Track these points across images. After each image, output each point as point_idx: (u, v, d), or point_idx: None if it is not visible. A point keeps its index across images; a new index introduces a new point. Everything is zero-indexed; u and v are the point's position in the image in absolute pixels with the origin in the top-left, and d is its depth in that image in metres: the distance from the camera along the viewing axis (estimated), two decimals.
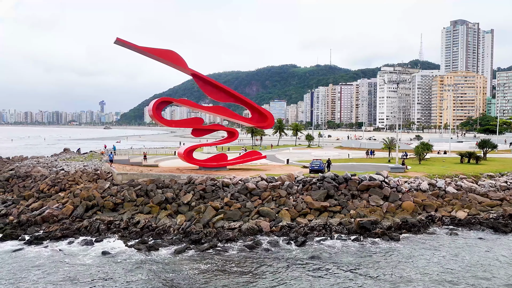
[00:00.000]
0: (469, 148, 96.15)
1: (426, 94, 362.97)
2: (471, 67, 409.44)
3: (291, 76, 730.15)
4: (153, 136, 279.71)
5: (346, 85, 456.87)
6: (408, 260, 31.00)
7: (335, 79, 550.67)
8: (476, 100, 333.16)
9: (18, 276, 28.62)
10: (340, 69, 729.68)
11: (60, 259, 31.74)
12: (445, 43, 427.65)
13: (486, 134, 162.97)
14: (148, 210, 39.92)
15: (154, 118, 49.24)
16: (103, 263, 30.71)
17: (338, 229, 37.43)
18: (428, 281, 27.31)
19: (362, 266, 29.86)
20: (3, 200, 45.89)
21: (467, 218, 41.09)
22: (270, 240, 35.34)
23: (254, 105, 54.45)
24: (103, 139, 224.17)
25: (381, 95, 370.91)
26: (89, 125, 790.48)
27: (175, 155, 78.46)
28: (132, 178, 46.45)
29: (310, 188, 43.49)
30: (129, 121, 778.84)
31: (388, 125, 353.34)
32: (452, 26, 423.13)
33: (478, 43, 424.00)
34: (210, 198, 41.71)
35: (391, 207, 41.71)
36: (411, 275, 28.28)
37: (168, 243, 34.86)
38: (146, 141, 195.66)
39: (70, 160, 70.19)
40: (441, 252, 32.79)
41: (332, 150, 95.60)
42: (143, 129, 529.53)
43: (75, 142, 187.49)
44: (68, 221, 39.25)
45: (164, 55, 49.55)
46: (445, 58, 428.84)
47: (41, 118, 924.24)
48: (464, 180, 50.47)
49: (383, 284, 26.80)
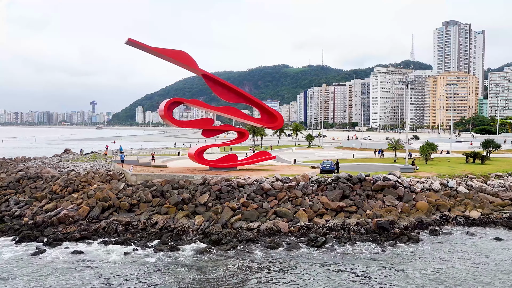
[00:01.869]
0: (468, 148, 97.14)
1: (419, 94, 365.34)
2: (463, 68, 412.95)
3: (284, 76, 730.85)
4: (147, 136, 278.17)
5: (339, 85, 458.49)
6: (433, 261, 31.07)
7: (327, 79, 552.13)
8: (468, 100, 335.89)
9: (44, 278, 28.48)
10: (332, 69, 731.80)
11: (82, 260, 31.58)
12: (437, 43, 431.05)
13: (483, 134, 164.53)
14: (165, 211, 39.87)
15: (165, 118, 49.12)
16: (127, 264, 30.60)
17: (356, 229, 37.57)
18: (462, 282, 27.38)
19: (386, 267, 29.92)
20: (15, 201, 45.53)
21: (481, 218, 41.49)
22: (290, 241, 35.41)
23: (264, 106, 54.55)
24: (95, 139, 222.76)
25: (374, 95, 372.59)
26: (80, 126, 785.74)
27: (179, 155, 78.41)
28: (146, 179, 46.33)
29: (325, 188, 43.66)
30: (121, 122, 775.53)
31: (381, 125, 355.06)
32: (444, 27, 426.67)
33: (469, 43, 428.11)
34: (226, 199, 41.75)
35: (405, 207, 42.02)
36: (440, 275, 28.32)
37: (188, 243, 34.87)
38: (141, 141, 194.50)
39: (74, 161, 69.83)
40: (465, 253, 32.92)
41: (334, 150, 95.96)
42: (136, 129, 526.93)
43: (68, 143, 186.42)
44: (85, 222, 39.06)
45: (175, 56, 49.44)
46: (438, 58, 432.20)
47: (31, 119, 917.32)
48: (473, 180, 50.96)
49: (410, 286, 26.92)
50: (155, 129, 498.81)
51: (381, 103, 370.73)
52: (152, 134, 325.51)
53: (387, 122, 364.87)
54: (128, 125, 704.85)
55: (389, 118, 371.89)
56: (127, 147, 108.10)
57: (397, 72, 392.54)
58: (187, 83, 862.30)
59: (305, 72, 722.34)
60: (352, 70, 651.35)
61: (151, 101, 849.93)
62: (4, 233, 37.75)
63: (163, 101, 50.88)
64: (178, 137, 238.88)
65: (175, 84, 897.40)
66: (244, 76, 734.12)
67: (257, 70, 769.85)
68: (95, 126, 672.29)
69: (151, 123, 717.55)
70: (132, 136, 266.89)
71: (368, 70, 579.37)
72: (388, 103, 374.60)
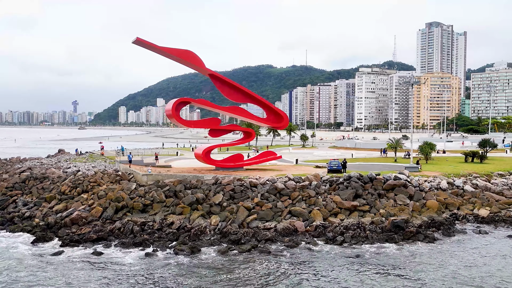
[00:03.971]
0: (460, 147, 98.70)
1: (404, 94, 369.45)
2: (445, 69, 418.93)
3: (268, 76, 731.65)
4: (132, 136, 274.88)
5: (324, 86, 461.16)
6: (453, 261, 31.44)
7: (311, 80, 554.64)
8: (452, 100, 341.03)
9: (67, 279, 28.30)
10: (315, 70, 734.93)
11: (104, 261, 31.32)
12: (421, 44, 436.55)
13: (471, 133, 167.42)
14: (180, 211, 39.66)
15: (173, 118, 48.79)
16: (150, 266, 30.41)
17: (371, 228, 37.89)
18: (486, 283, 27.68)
19: (408, 267, 30.23)
20: (24, 202, 44.87)
21: (490, 216, 42.21)
22: (309, 240, 35.60)
23: (271, 106, 54.65)
24: (79, 139, 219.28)
25: (359, 96, 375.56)
26: (62, 126, 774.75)
27: (177, 155, 78.04)
28: (157, 179, 46.01)
29: (337, 188, 43.94)
30: (103, 122, 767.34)
31: (366, 125, 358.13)
32: (427, 28, 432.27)
33: (452, 45, 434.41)
34: (240, 199, 41.72)
35: (416, 206, 42.49)
36: (463, 276, 28.59)
37: (207, 244, 34.79)
38: (129, 141, 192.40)
39: (73, 161, 68.91)
40: (483, 252, 33.38)
41: (332, 150, 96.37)
42: (119, 129, 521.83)
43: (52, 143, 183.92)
44: (99, 223, 38.64)
45: (182, 55, 49.19)
46: (421, 59, 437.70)
47: (11, 118, 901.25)
48: (478, 179, 51.79)
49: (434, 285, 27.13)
50: (139, 129, 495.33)
51: (366, 103, 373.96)
52: (136, 134, 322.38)
53: (372, 122, 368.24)
54: (110, 125, 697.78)
55: (374, 118, 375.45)
56: (131, 147, 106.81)
57: (381, 73, 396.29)
58: (171, 83, 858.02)
59: (289, 72, 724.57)
60: (336, 70, 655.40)
61: (134, 101, 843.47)
62: (18, 234, 37.21)
63: (170, 101, 50.60)
64: (164, 137, 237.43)
65: (158, 83, 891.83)
66: (228, 76, 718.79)
67: (241, 70, 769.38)
68: (77, 126, 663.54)
69: (134, 123, 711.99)
70: (119, 136, 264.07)
71: (351, 70, 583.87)
72: (373, 103, 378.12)
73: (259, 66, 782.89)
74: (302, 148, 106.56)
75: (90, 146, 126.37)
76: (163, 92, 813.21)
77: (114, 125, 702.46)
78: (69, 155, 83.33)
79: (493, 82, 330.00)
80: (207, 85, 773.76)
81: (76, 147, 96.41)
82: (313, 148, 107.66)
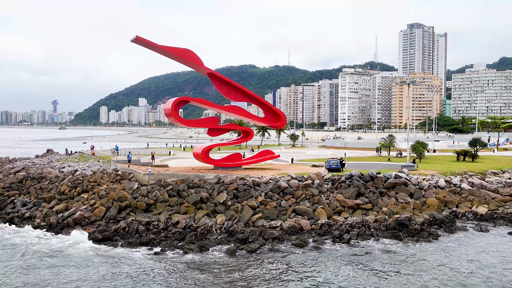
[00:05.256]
0: (447, 147, 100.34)
1: (386, 94, 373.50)
2: (426, 69, 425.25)
3: (250, 76, 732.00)
4: (115, 136, 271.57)
5: (308, 86, 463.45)
6: (459, 258, 31.79)
7: (293, 80, 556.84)
8: (433, 100, 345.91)
9: (78, 276, 28.24)
10: (298, 70, 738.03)
11: (115, 262, 31.00)
12: (402, 45, 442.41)
13: (455, 133, 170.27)
14: (185, 210, 39.50)
15: (173, 117, 48.51)
16: (159, 266, 30.23)
17: (375, 226, 38.28)
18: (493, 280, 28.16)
19: (416, 263, 30.60)
20: (22, 202, 44.12)
21: (488, 214, 43.00)
22: (316, 238, 35.78)
23: (269, 105, 54.75)
24: (60, 140, 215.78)
25: (342, 96, 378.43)
26: (42, 126, 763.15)
27: (170, 155, 77.58)
28: (159, 178, 45.71)
29: (339, 186, 44.25)
30: (84, 121, 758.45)
31: (350, 125, 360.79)
32: (408, 29, 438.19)
33: (433, 46, 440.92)
34: (244, 198, 41.70)
35: (417, 204, 43.06)
36: (470, 273, 28.94)
37: (215, 243, 34.72)
38: (113, 141, 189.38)
39: (65, 161, 68.00)
40: (487, 249, 33.93)
41: (323, 150, 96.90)
42: (100, 129, 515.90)
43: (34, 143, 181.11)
44: (103, 223, 38.25)
45: (182, 54, 48.94)
46: (403, 60, 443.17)
47: None
48: (473, 177, 52.71)
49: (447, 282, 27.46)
50: (121, 129, 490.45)
51: (349, 104, 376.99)
52: (119, 134, 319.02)
53: (355, 122, 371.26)
54: (91, 125, 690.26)
55: (357, 118, 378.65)
56: (124, 147, 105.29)
57: (364, 73, 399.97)
58: (153, 82, 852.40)
59: (271, 72, 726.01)
60: (318, 71, 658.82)
61: (115, 100, 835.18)
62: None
63: (169, 100, 50.28)
64: (148, 137, 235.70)
65: (140, 83, 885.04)
66: None
67: (224, 70, 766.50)
68: (58, 126, 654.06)
69: (116, 123, 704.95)
70: (102, 136, 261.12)
71: (333, 71, 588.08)
72: (356, 103, 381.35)
73: (242, 66, 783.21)
74: (293, 147, 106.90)
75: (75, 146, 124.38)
76: (145, 91, 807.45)
77: (95, 125, 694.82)
78: (59, 155, 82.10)
79: (473, 83, 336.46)
80: (189, 84, 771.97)
81: (65, 147, 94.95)
82: (303, 147, 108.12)
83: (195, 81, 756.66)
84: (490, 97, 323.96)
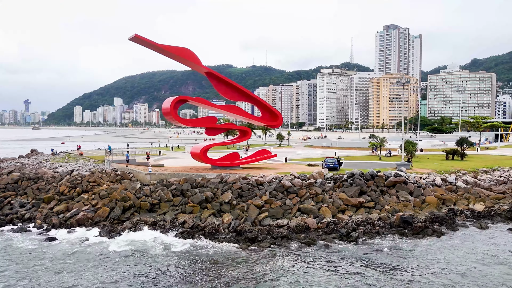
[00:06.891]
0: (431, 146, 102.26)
1: (364, 95, 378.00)
2: (402, 70, 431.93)
3: (228, 76, 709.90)
4: (93, 136, 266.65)
5: (286, 86, 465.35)
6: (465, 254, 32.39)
7: (271, 80, 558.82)
8: (410, 101, 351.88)
9: (99, 272, 28.26)
10: (275, 70, 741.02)
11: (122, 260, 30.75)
12: (379, 46, 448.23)
13: (435, 132, 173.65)
14: (190, 210, 39.30)
15: (171, 116, 48.13)
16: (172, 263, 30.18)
17: (380, 224, 38.78)
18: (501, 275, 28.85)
19: (425, 260, 31.04)
20: (20, 203, 43.08)
21: (485, 211, 44.00)
22: (325, 237, 36.00)
23: (266, 105, 54.86)
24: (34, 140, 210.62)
25: (321, 96, 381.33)
26: (13, 126, 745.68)
27: (160, 155, 76.87)
28: (161, 178, 45.30)
29: (341, 185, 44.65)
30: (58, 121, 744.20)
31: (328, 125, 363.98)
32: (385, 31, 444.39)
33: (408, 47, 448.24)
34: (248, 197, 41.70)
35: (417, 202, 43.78)
36: (478, 270, 29.48)
37: (225, 241, 34.67)
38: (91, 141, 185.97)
39: (54, 161, 66.72)
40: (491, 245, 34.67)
41: (311, 149, 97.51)
42: (75, 129, 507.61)
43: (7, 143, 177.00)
44: (108, 223, 37.73)
45: (179, 53, 48.59)
46: (379, 60, 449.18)
47: None
48: (466, 175, 53.87)
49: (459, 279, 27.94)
50: (97, 129, 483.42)
51: (328, 104, 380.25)
52: (96, 134, 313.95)
53: (333, 122, 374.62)
54: (66, 125, 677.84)
55: (335, 118, 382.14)
56: (116, 147, 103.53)
57: (342, 74, 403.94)
58: (128, 81, 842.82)
59: (249, 72, 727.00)
60: (295, 71, 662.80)
61: (90, 100, 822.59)
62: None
63: (167, 99, 49.88)
64: (127, 137, 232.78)
65: (115, 82, 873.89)
66: (188, 75, 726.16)
67: None
68: (31, 126, 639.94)
69: (91, 123, 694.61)
70: (79, 136, 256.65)
71: (310, 71, 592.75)
72: (334, 103, 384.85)
73: (219, 66, 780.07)
74: (280, 147, 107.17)
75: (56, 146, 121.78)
76: (120, 91, 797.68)
77: (70, 125, 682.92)
78: (44, 155, 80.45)
79: (448, 83, 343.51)
80: (165, 85, 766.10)
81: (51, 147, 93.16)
82: (289, 147, 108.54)
83: (171, 81, 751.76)
84: (465, 97, 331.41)
